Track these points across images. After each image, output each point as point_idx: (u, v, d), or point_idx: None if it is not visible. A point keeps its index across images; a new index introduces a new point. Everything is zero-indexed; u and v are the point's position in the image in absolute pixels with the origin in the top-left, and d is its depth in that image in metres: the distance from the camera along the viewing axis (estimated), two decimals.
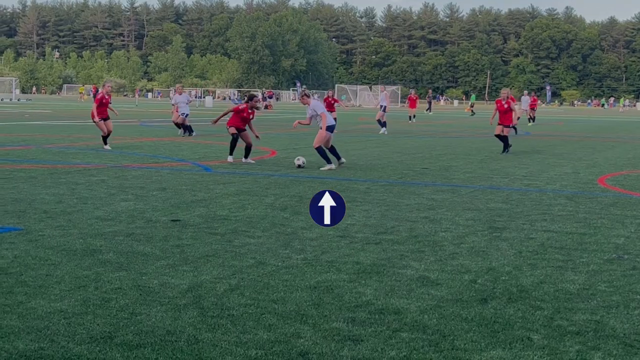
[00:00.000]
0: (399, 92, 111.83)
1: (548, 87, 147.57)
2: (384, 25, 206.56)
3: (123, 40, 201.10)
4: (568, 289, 6.43)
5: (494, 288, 6.38)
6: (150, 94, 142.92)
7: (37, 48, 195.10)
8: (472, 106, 73.36)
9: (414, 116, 45.28)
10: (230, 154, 16.78)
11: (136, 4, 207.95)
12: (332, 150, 16.21)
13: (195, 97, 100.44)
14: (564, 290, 6.38)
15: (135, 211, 9.77)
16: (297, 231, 8.68)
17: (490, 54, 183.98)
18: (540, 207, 11.06)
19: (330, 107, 30.17)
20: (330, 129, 15.97)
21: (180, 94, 27.90)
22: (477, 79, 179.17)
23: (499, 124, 21.33)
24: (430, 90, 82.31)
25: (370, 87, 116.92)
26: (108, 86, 20.80)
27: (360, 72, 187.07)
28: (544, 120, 52.35)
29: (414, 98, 45.55)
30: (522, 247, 8.07)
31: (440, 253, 7.68)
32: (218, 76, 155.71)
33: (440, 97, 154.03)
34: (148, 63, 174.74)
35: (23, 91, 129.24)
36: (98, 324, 5.11)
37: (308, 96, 16.56)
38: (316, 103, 16.43)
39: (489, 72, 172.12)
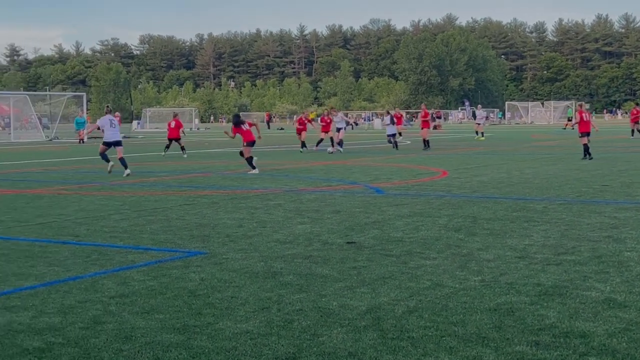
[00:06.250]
0: (573, 107, 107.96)
1: None
2: (555, 39, 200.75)
3: (294, 68, 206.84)
4: None
5: None
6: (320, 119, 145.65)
7: (214, 79, 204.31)
8: (569, 120, 68.42)
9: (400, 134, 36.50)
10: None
11: (306, 32, 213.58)
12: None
13: (364, 121, 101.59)
14: None
15: (312, 234, 9.99)
16: (473, 252, 8.56)
17: None
18: None
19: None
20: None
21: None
22: None
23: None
24: None
25: (542, 104, 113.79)
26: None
27: (532, 88, 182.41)
28: None
29: (399, 115, 37.75)
30: None
31: (626, 274, 7.34)
32: (386, 98, 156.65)
33: (617, 112, 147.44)
34: (318, 88, 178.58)
35: (202, 120, 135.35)
36: (282, 345, 5.25)
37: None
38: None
39: None
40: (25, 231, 10.62)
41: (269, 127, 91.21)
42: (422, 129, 34.41)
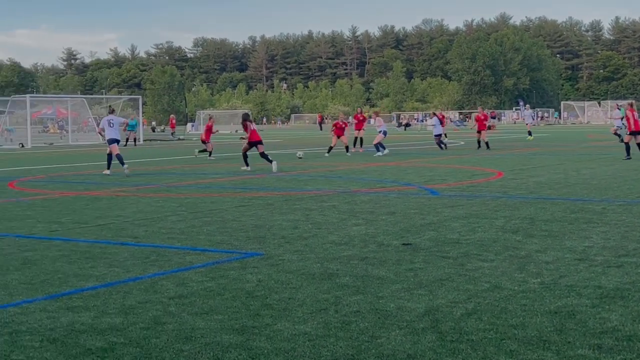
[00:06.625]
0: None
1: None
2: (611, 37, 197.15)
3: (346, 69, 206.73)
4: None
5: None
6: (372, 120, 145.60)
7: (266, 81, 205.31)
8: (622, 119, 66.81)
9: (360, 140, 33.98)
10: None
11: (357, 33, 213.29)
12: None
13: (417, 122, 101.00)
14: None
15: (367, 235, 9.98)
16: (532, 254, 8.46)
17: None
18: None
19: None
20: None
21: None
22: None
23: None
24: None
25: (599, 103, 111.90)
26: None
27: (588, 87, 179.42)
28: None
29: (361, 118, 34.08)
30: None
31: None
32: (439, 99, 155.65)
33: None
34: (370, 90, 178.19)
35: (255, 122, 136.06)
36: (341, 347, 5.25)
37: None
38: None
39: None
40: (84, 232, 10.81)
41: (321, 129, 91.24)
42: (478, 131, 34.17)
